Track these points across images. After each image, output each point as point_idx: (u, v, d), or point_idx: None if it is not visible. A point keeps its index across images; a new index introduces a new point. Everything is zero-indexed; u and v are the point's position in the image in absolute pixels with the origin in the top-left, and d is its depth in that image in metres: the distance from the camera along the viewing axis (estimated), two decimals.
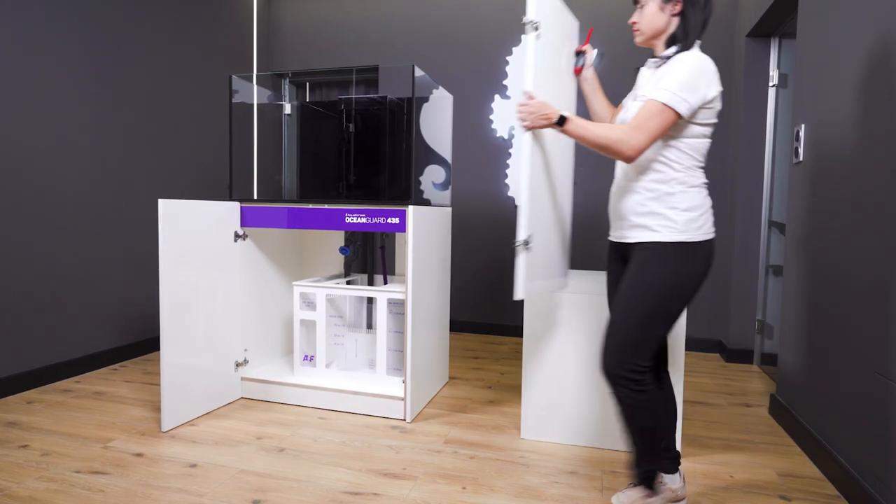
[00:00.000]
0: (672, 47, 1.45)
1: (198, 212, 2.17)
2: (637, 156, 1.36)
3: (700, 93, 1.34)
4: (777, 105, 3.07)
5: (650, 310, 1.41)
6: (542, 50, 1.56)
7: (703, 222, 1.42)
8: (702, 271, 1.43)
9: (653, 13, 1.46)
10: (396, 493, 1.66)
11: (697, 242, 1.41)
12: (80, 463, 1.82)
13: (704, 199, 1.44)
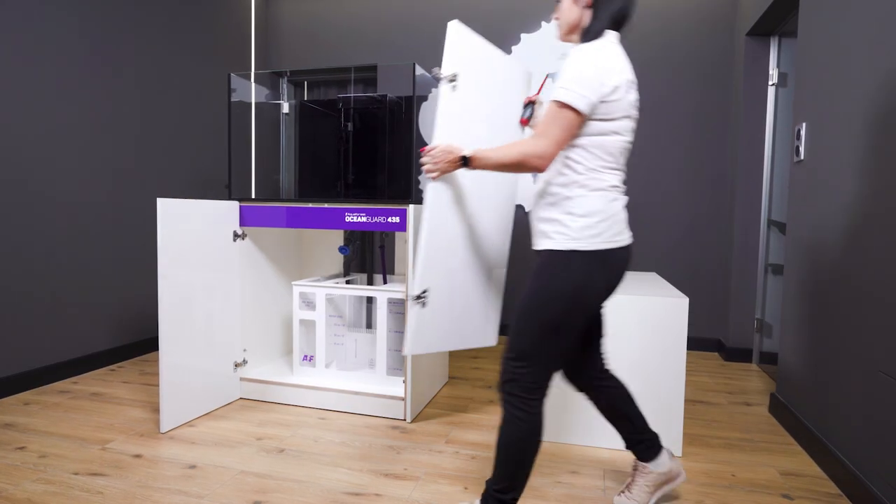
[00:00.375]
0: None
1: (197, 211, 2.16)
2: (545, 165, 1.28)
3: (595, 86, 1.23)
4: (777, 104, 3.07)
5: (539, 323, 1.31)
6: (459, 100, 1.51)
7: (601, 230, 1.30)
8: (600, 284, 1.31)
9: (567, 6, 1.37)
10: (398, 493, 1.65)
11: (594, 252, 1.29)
12: (79, 465, 1.81)
13: (607, 205, 1.31)
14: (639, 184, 3.53)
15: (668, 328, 1.91)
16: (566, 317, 1.31)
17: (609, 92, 1.25)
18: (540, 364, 1.33)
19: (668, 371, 1.92)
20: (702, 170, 3.44)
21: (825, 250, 1.96)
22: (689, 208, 3.47)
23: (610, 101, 1.26)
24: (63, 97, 2.66)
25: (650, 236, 3.53)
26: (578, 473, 1.80)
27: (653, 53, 3.46)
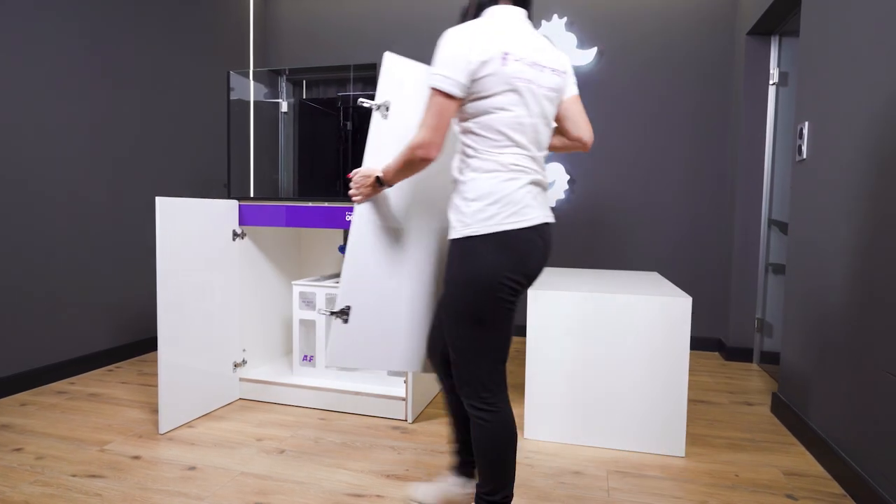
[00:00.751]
0: None
1: (196, 210, 2.14)
2: (431, 152, 1.23)
3: (460, 65, 1.19)
4: (777, 103, 3.06)
5: (457, 317, 1.27)
6: (390, 128, 1.54)
7: (494, 212, 1.22)
8: (503, 268, 1.23)
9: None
10: (400, 494, 1.64)
11: (488, 235, 1.22)
12: (76, 466, 1.79)
13: (500, 185, 1.23)
14: (639, 184, 3.52)
15: (670, 328, 1.91)
16: (480, 306, 1.24)
17: (477, 68, 1.19)
18: (475, 360, 1.28)
19: (671, 371, 1.91)
20: (702, 169, 3.43)
21: (828, 249, 1.95)
22: (689, 208, 3.46)
23: (482, 76, 1.20)
24: (62, 96, 2.63)
25: (650, 236, 3.52)
26: (582, 474, 1.79)
27: (653, 53, 3.45)
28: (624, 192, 3.55)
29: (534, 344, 2.04)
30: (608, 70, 3.53)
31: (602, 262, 3.63)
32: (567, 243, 3.67)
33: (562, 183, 3.63)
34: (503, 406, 1.30)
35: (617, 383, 1.96)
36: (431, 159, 1.25)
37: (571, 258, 3.67)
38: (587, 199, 3.62)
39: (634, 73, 3.49)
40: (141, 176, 3.10)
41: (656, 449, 1.95)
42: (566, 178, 3.62)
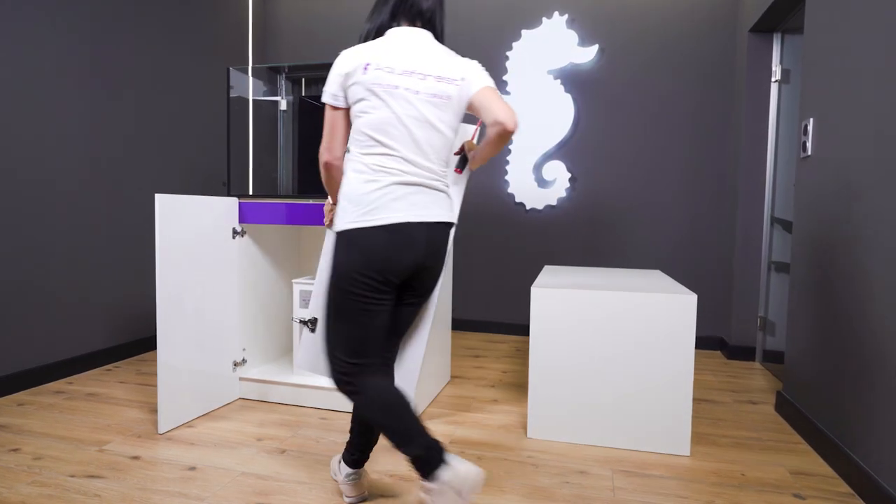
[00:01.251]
0: None
1: (195, 208, 2.11)
2: (325, 156, 1.44)
3: (333, 78, 1.38)
4: (779, 101, 3.05)
5: (325, 305, 1.42)
6: None
7: (349, 210, 1.34)
8: (353, 266, 1.32)
9: None
10: (406, 496, 1.62)
11: (341, 233, 1.35)
12: (75, 467, 1.76)
13: (360, 185, 1.34)
14: (640, 181, 3.50)
15: (676, 325, 1.89)
16: (336, 298, 1.37)
17: (343, 80, 1.37)
18: (333, 350, 1.41)
19: (676, 369, 1.90)
20: (703, 167, 3.42)
21: (833, 246, 1.94)
22: (690, 206, 3.45)
23: (349, 85, 1.37)
24: (59, 94, 2.61)
25: (651, 234, 3.51)
26: (587, 473, 1.77)
27: (654, 51, 3.44)
28: (625, 190, 3.54)
29: (537, 342, 2.02)
30: (609, 68, 3.52)
31: (603, 260, 3.61)
32: (568, 241, 3.65)
33: (563, 181, 3.62)
34: (367, 386, 1.38)
35: (621, 382, 1.95)
36: (330, 163, 1.43)
37: (572, 256, 3.66)
38: (588, 198, 3.60)
39: (635, 70, 3.48)
40: (140, 174, 3.08)
41: (661, 448, 1.93)
42: (567, 177, 3.61)
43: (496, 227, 3.77)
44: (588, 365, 1.98)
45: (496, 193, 3.76)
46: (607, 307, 1.94)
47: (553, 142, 3.61)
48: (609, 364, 1.95)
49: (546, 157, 3.64)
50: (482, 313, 3.85)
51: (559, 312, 1.99)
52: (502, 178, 3.74)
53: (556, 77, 3.58)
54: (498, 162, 3.74)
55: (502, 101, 1.42)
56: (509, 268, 3.77)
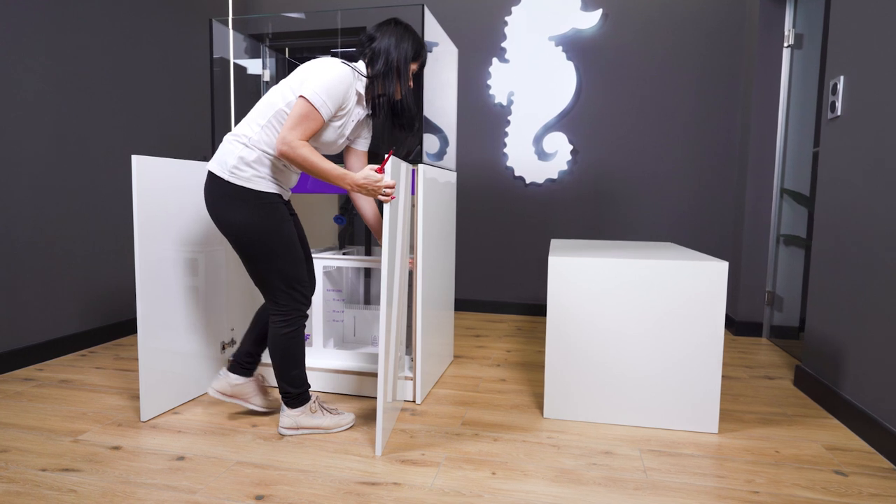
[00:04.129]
0: None
1: (176, 173, 1.91)
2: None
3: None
4: (792, 67, 2.93)
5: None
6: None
7: None
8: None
9: None
10: (418, 481, 1.47)
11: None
12: (47, 460, 1.57)
13: None
14: (644, 152, 3.37)
15: (705, 295, 1.76)
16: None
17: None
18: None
19: (705, 342, 1.77)
20: (710, 138, 3.30)
21: (861, 213, 1.82)
22: (696, 178, 3.33)
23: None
24: (23, 56, 2.35)
25: (656, 208, 3.39)
26: (613, 454, 1.65)
27: (659, 16, 3.28)
28: (629, 162, 3.41)
29: (554, 316, 1.88)
30: (613, 34, 3.36)
31: (607, 235, 3.49)
32: (570, 216, 3.51)
33: (564, 153, 3.47)
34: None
35: (645, 356, 1.82)
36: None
37: (574, 232, 3.52)
38: (591, 170, 3.46)
39: (641, 36, 3.32)
40: (112, 140, 2.83)
41: (688, 426, 1.81)
42: (569, 149, 3.46)
43: (494, 202, 3.61)
44: (609, 339, 1.84)
45: (494, 167, 3.59)
46: (631, 277, 1.81)
47: (554, 112, 3.45)
48: (632, 338, 1.82)
49: (547, 128, 3.48)
50: (480, 292, 3.70)
51: (579, 284, 1.85)
52: (501, 150, 3.57)
53: (558, 44, 3.41)
54: (496, 134, 3.57)
55: (292, 118, 1.55)
56: (508, 245, 3.63)
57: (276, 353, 1.70)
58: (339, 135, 1.68)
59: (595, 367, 1.86)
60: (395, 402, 1.84)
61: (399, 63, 1.64)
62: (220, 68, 2.62)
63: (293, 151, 1.53)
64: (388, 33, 1.64)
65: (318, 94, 1.53)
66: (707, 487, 1.45)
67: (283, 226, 1.64)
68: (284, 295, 1.67)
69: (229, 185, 1.59)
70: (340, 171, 1.58)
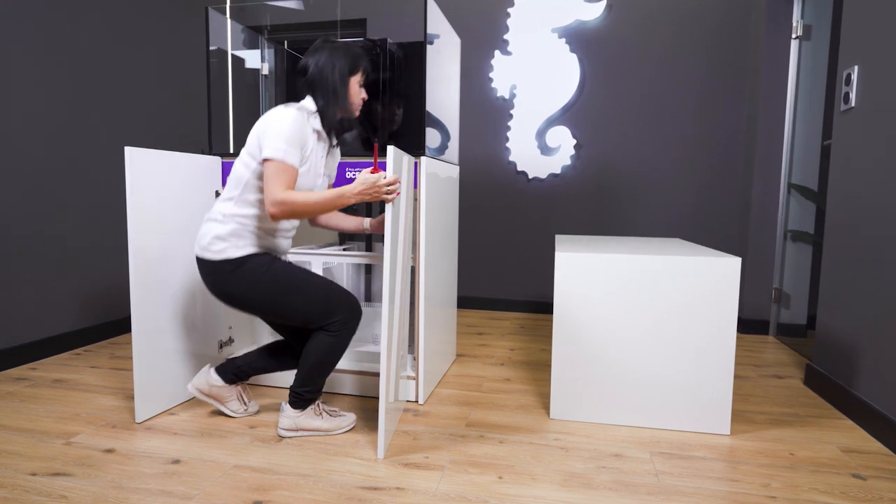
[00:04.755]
0: None
1: (172, 166, 1.85)
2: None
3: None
4: (800, 59, 2.88)
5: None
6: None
7: None
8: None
9: None
10: (422, 485, 1.42)
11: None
12: (37, 463, 1.52)
13: None
14: (649, 148, 3.32)
15: (717, 292, 1.71)
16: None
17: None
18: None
19: (717, 341, 1.72)
20: (717, 132, 3.24)
21: (877, 205, 1.77)
22: (702, 173, 3.28)
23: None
24: (13, 47, 2.28)
25: (661, 203, 3.33)
26: (623, 456, 1.60)
27: (664, 8, 3.22)
28: (633, 157, 3.35)
29: (561, 314, 1.82)
30: (618, 26, 3.30)
31: (610, 231, 3.43)
32: (573, 212, 3.46)
33: (567, 148, 3.41)
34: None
35: (655, 355, 1.77)
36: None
37: (578, 228, 3.47)
38: (594, 165, 3.40)
39: (646, 28, 3.26)
40: (106, 133, 2.77)
41: (699, 427, 1.76)
42: (572, 143, 3.40)
43: (496, 198, 3.56)
44: (618, 338, 1.79)
45: (496, 162, 3.53)
46: (641, 273, 1.75)
47: (557, 106, 3.39)
48: (642, 336, 1.77)
49: (549, 122, 3.42)
50: (481, 290, 3.65)
51: (587, 280, 1.80)
52: (503, 145, 3.51)
53: (561, 36, 3.35)
54: (498, 129, 3.51)
55: (268, 182, 1.52)
56: (510, 241, 3.57)
57: (311, 358, 1.63)
58: (314, 176, 1.64)
59: (603, 366, 1.81)
60: (397, 402, 1.78)
61: (336, 85, 1.60)
62: (218, 59, 2.56)
63: (287, 205, 1.50)
64: (318, 59, 1.60)
65: (278, 149, 1.51)
66: (722, 492, 1.40)
67: (274, 266, 1.61)
68: (325, 316, 1.61)
69: (210, 263, 1.60)
70: (336, 191, 1.54)
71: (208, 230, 1.61)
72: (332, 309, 1.61)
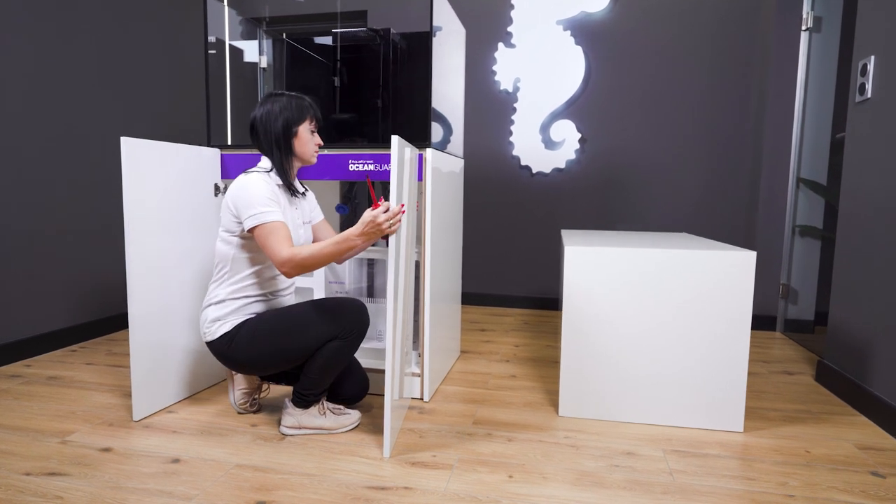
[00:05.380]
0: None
1: (170, 157, 1.79)
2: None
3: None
4: (809, 51, 2.83)
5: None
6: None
7: None
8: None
9: None
10: (431, 485, 1.37)
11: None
12: (32, 463, 1.47)
13: None
14: (655, 142, 3.27)
15: (732, 286, 1.67)
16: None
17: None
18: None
19: (731, 336, 1.68)
20: (724, 125, 3.19)
21: (894, 199, 1.73)
22: (709, 167, 3.23)
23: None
24: (4, 33, 2.22)
25: (666, 198, 3.29)
26: (636, 455, 1.55)
27: None
28: (639, 151, 3.30)
29: (570, 309, 1.78)
30: (624, 17, 3.25)
31: (616, 226, 3.39)
32: (578, 207, 3.41)
33: (572, 142, 3.36)
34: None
35: (667, 351, 1.73)
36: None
37: (582, 223, 3.42)
38: (600, 159, 3.35)
39: (652, 20, 3.21)
40: (102, 125, 2.71)
41: (712, 424, 1.72)
42: (577, 137, 3.35)
43: (499, 192, 3.51)
44: (629, 334, 1.75)
45: (499, 156, 3.48)
46: (654, 268, 1.71)
47: (561, 99, 3.35)
48: (653, 332, 1.73)
49: (554, 116, 3.37)
50: (484, 286, 3.60)
51: (597, 275, 1.75)
52: (506, 139, 3.46)
53: (566, 28, 3.29)
54: (501, 122, 3.46)
55: (266, 246, 1.52)
56: (514, 237, 3.52)
57: (318, 359, 1.58)
58: (294, 227, 1.63)
59: (613, 362, 1.76)
60: (402, 399, 1.74)
61: (280, 140, 1.59)
62: (216, 51, 2.50)
63: (294, 260, 1.47)
64: (262, 115, 1.58)
65: (258, 214, 1.50)
66: (738, 491, 1.36)
67: (264, 317, 1.60)
68: (335, 331, 1.57)
69: (212, 344, 1.61)
70: (340, 236, 1.49)
71: (206, 315, 1.61)
72: (339, 322, 1.57)
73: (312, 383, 1.61)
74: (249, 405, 1.79)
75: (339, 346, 1.58)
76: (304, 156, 1.64)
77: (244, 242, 1.60)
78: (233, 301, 1.61)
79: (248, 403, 1.79)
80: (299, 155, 1.63)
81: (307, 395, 1.63)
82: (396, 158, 1.49)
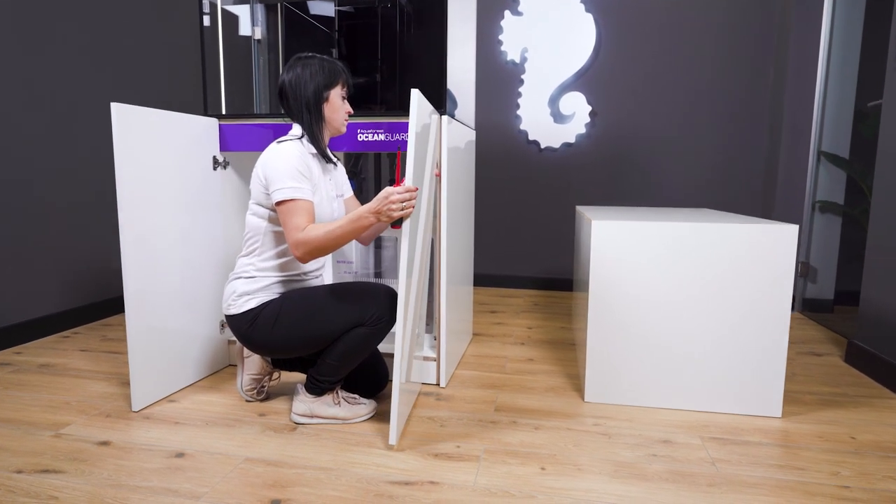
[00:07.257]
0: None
1: (164, 127, 1.65)
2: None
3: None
4: (833, 17, 2.69)
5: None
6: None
7: None
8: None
9: None
10: (458, 479, 1.27)
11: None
12: (23, 459, 1.35)
13: None
14: (668, 115, 3.14)
15: (772, 263, 1.56)
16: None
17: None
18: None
19: (770, 316, 1.58)
20: (741, 96, 3.07)
21: None
22: (726, 140, 3.11)
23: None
24: None
25: (681, 173, 3.17)
26: (673, 443, 1.46)
27: None
28: (652, 124, 3.17)
29: (597, 288, 1.67)
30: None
31: (626, 201, 3.27)
32: (588, 183, 3.29)
33: (582, 115, 3.22)
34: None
35: (701, 332, 1.62)
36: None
37: (593, 198, 3.31)
38: (611, 133, 3.22)
39: None
40: (92, 95, 2.54)
41: (748, 409, 1.63)
42: (587, 110, 3.22)
43: (506, 169, 3.38)
44: (661, 314, 1.64)
45: (506, 131, 3.34)
46: (687, 243, 1.60)
47: (571, 71, 3.20)
48: (686, 312, 1.62)
49: (563, 88, 3.23)
50: (492, 266, 3.49)
51: (626, 251, 1.64)
52: (513, 113, 3.32)
53: None
54: (508, 96, 3.31)
55: (286, 223, 1.42)
56: (521, 215, 3.40)
57: (340, 346, 1.48)
58: (329, 200, 1.54)
59: (644, 344, 1.66)
60: (410, 384, 1.63)
61: (311, 105, 1.48)
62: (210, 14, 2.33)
63: (308, 243, 1.38)
64: (290, 77, 1.48)
65: (286, 189, 1.40)
66: (789, 482, 1.27)
67: (291, 297, 1.50)
68: (362, 316, 1.46)
69: (233, 319, 1.51)
70: (353, 214, 1.39)
71: (234, 288, 1.51)
72: (367, 308, 1.47)
73: (330, 370, 1.50)
74: (257, 392, 1.68)
75: (365, 333, 1.46)
76: (334, 122, 1.52)
77: (275, 216, 1.49)
78: (264, 277, 1.51)
79: (255, 390, 1.68)
80: (329, 122, 1.52)
81: (322, 382, 1.52)
82: (416, 115, 1.36)
